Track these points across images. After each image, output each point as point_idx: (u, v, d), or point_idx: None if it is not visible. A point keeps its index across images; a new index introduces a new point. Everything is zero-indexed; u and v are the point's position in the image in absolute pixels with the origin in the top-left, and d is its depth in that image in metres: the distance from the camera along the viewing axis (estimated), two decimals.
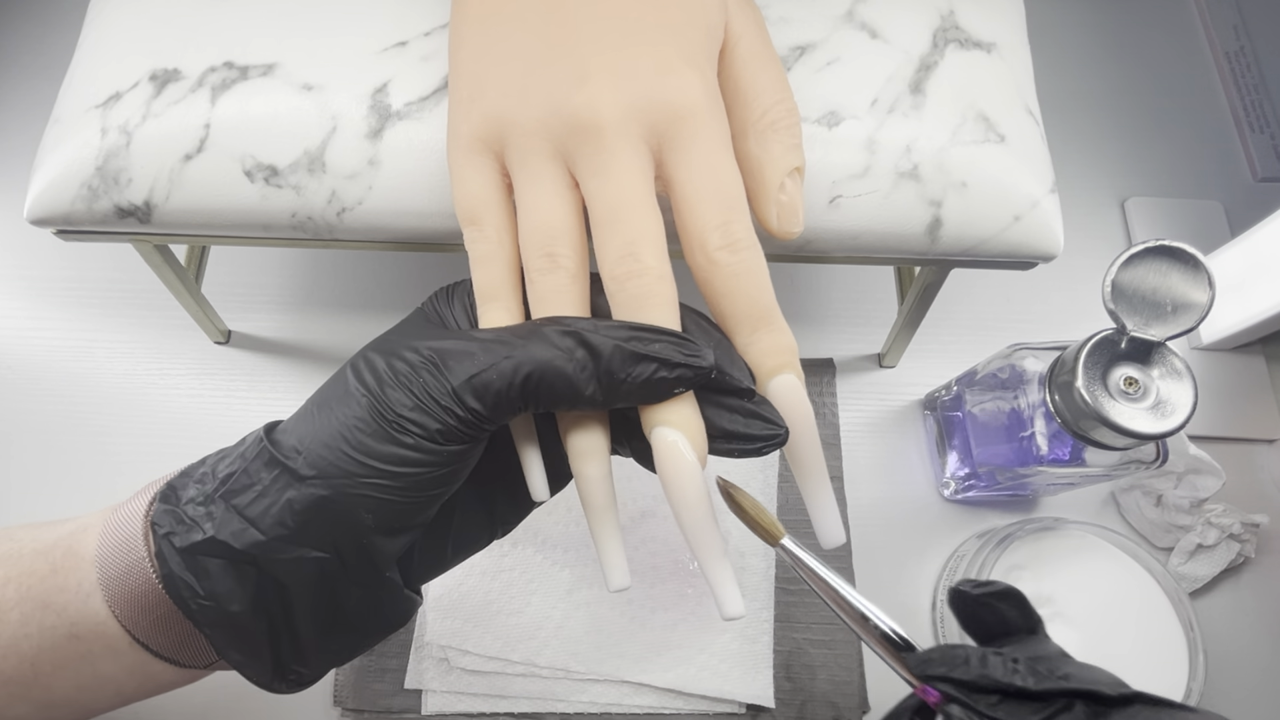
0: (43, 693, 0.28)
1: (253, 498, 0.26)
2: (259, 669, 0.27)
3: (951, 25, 0.36)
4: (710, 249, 0.26)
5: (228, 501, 0.26)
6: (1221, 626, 0.46)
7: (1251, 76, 0.61)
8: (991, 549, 0.44)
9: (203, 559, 0.26)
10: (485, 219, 0.28)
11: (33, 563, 0.28)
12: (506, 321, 0.28)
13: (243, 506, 0.26)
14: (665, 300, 0.26)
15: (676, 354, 0.25)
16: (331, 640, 0.28)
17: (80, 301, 0.52)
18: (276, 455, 0.26)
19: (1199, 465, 0.46)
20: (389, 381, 0.25)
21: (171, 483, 0.28)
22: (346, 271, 0.54)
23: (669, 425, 0.26)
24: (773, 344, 0.27)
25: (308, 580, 0.26)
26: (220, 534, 0.26)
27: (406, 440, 0.25)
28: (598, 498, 0.27)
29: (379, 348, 0.27)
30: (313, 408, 0.27)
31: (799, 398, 0.26)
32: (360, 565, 0.27)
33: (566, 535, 0.45)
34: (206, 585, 0.26)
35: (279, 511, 0.26)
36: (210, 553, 0.26)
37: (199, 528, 0.26)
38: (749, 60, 0.30)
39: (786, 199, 0.29)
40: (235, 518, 0.26)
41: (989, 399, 0.45)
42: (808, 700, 0.44)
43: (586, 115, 0.26)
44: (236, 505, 0.26)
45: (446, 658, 0.43)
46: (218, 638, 0.26)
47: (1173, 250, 0.34)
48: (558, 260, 0.27)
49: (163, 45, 0.35)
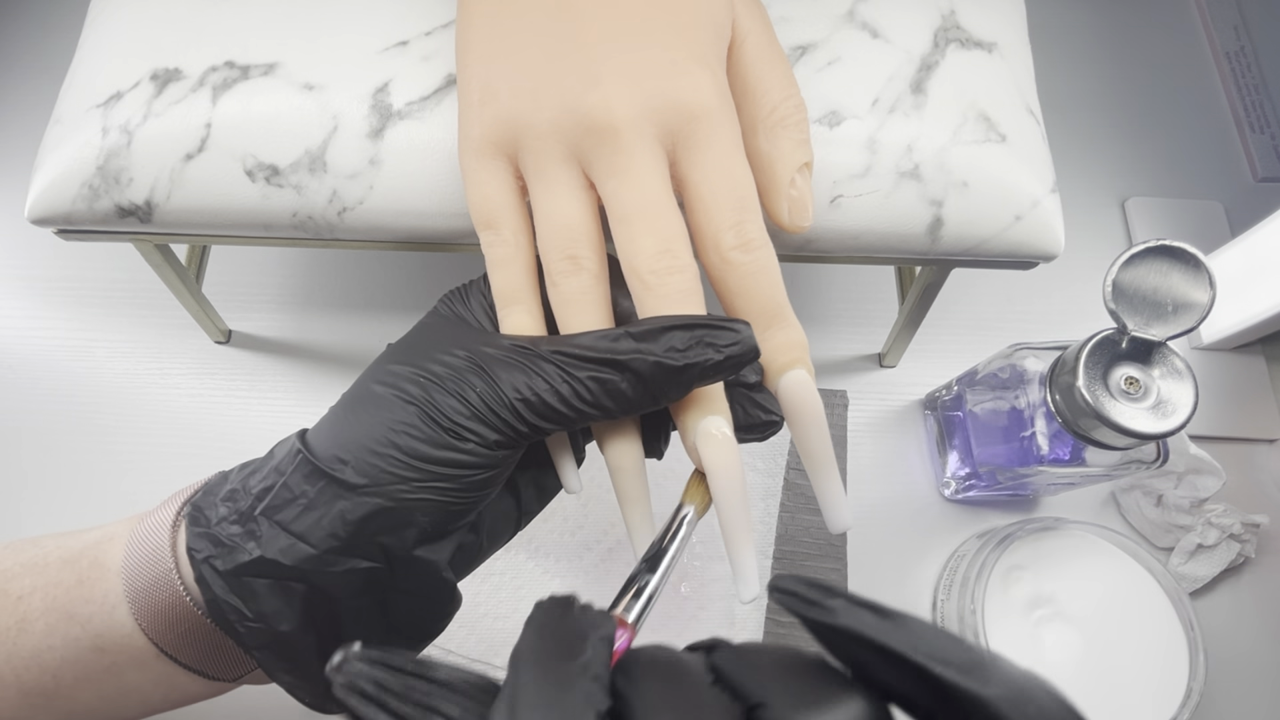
0: (65, 703, 0.27)
1: (298, 511, 0.25)
2: (310, 688, 0.27)
3: (952, 25, 0.36)
4: (724, 249, 0.27)
5: (270, 518, 0.25)
6: (1221, 626, 0.46)
7: (1251, 76, 0.61)
8: (992, 549, 0.44)
9: (249, 580, 0.25)
10: (502, 222, 0.28)
11: (59, 573, 0.27)
12: (529, 324, 0.28)
13: (288, 522, 0.25)
14: (700, 300, 0.27)
15: (713, 353, 0.25)
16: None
17: (80, 301, 0.52)
18: (320, 466, 0.25)
19: (1199, 465, 0.46)
20: (437, 388, 0.25)
21: (196, 504, 0.27)
22: (347, 271, 0.54)
23: (716, 415, 0.26)
24: (785, 340, 0.27)
25: (356, 591, 0.26)
26: (268, 552, 0.25)
27: (462, 446, 0.25)
28: (632, 490, 0.27)
29: (410, 354, 0.27)
30: (345, 415, 0.27)
31: (809, 392, 0.27)
32: (408, 571, 0.26)
33: (560, 545, 0.45)
34: (254, 606, 0.25)
35: (330, 523, 0.25)
36: (258, 573, 0.25)
37: (242, 548, 0.25)
38: (756, 57, 0.30)
39: (797, 193, 0.30)
40: (281, 534, 0.25)
41: (990, 399, 0.45)
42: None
43: (601, 116, 0.27)
44: (281, 521, 0.25)
45: (429, 655, 0.43)
46: (267, 660, 0.26)
47: (1173, 250, 0.34)
48: (580, 262, 0.27)
49: (164, 45, 0.35)
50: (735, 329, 0.25)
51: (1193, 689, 0.41)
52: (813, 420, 0.27)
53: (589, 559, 0.45)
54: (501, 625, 0.43)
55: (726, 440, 0.26)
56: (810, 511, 0.47)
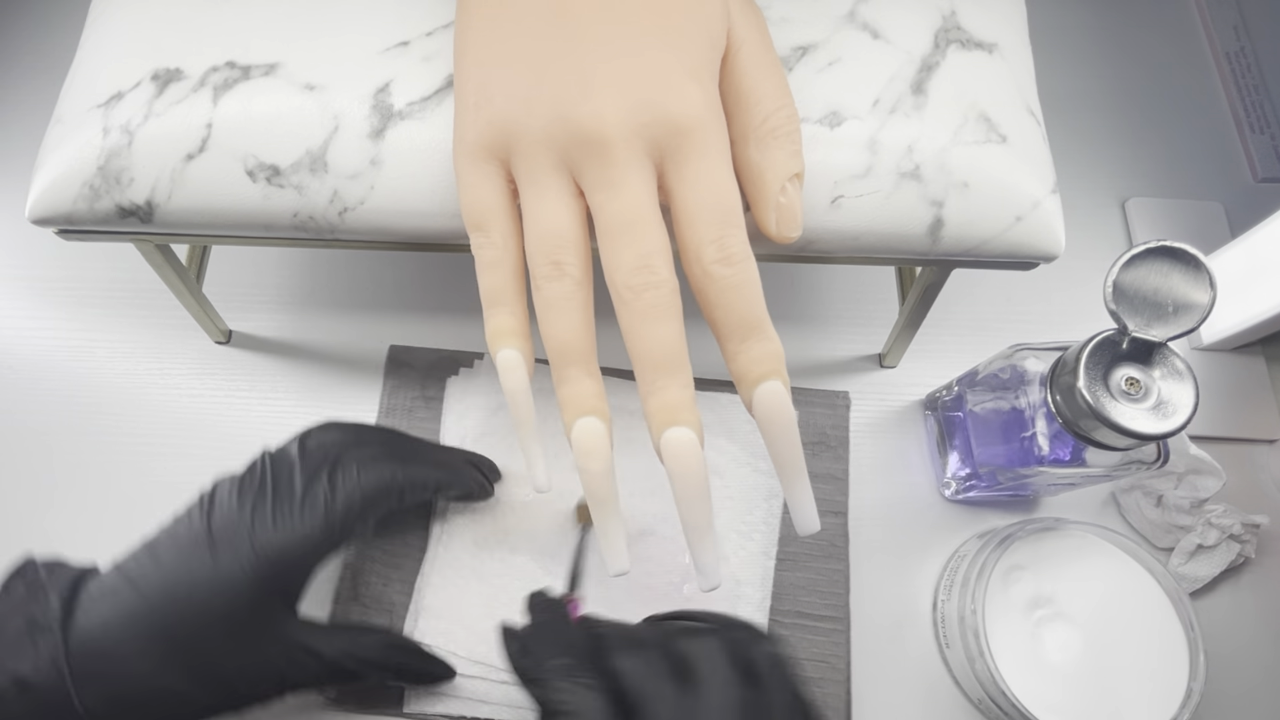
0: None
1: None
2: None
3: (953, 25, 0.36)
4: (706, 262, 0.27)
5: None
6: (1221, 626, 0.46)
7: (1251, 77, 0.61)
8: (992, 549, 0.44)
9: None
10: (491, 225, 0.29)
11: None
12: (512, 325, 0.29)
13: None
14: (675, 314, 0.27)
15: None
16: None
17: (80, 301, 0.52)
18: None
19: (1199, 465, 0.46)
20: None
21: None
22: (347, 271, 0.54)
23: (683, 425, 0.27)
24: (761, 352, 0.28)
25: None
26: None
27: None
28: (601, 491, 0.28)
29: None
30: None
31: (783, 403, 0.27)
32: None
33: (562, 548, 0.45)
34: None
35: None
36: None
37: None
38: (751, 66, 0.31)
39: (786, 202, 0.30)
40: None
41: (990, 399, 0.45)
42: None
43: (593, 128, 0.27)
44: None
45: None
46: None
47: (1174, 251, 0.34)
48: (564, 268, 0.28)
49: (165, 45, 0.35)
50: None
51: (1193, 689, 0.41)
52: (785, 430, 0.27)
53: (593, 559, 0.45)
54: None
55: (688, 447, 0.27)
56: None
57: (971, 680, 0.43)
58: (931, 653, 0.46)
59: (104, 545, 0.47)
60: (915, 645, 0.46)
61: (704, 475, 0.27)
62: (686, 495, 0.27)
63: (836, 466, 0.49)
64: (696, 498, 0.27)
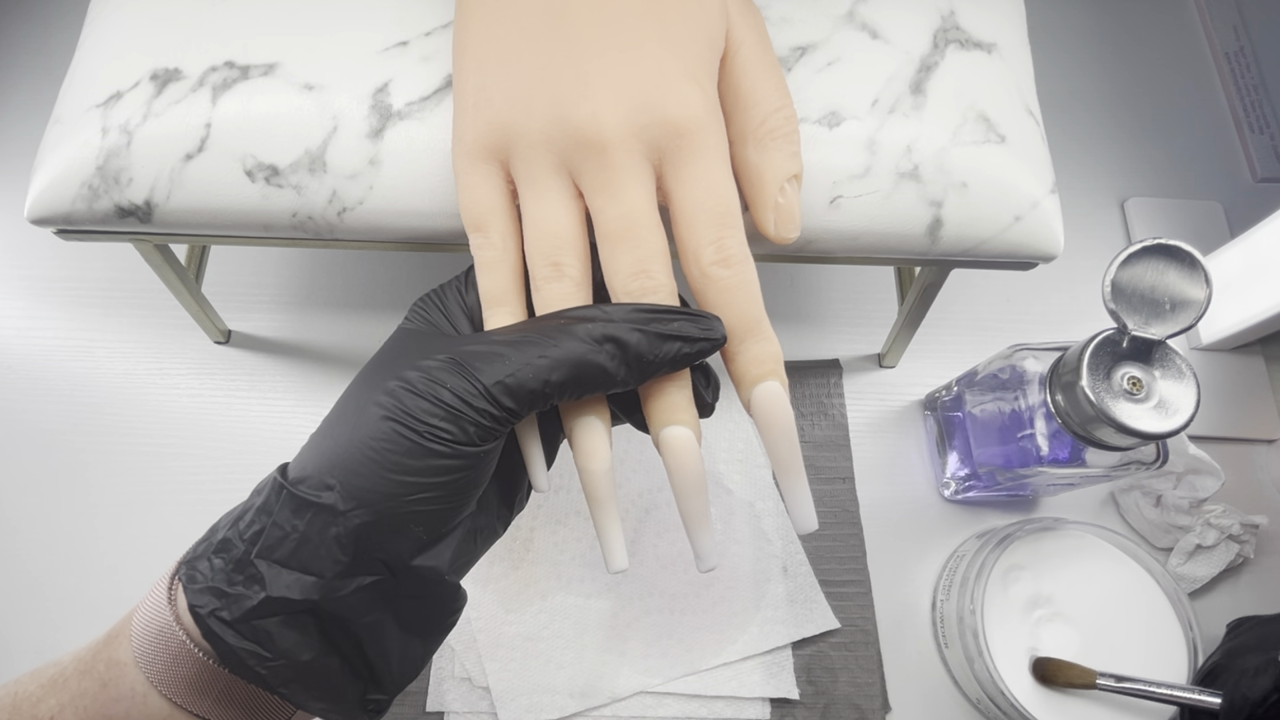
0: None
1: (293, 547, 0.25)
2: (343, 709, 0.27)
3: (952, 26, 0.36)
4: (704, 263, 0.27)
5: (268, 559, 0.25)
6: (1221, 627, 0.46)
7: (1251, 77, 0.61)
8: (991, 549, 0.44)
9: (259, 622, 0.25)
10: (491, 226, 0.29)
11: (80, 683, 0.27)
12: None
13: (286, 558, 0.25)
14: None
15: (694, 330, 0.27)
16: (402, 657, 0.28)
17: (80, 301, 0.52)
18: (305, 496, 0.25)
19: (1198, 465, 0.46)
20: (409, 395, 0.25)
21: (189, 563, 0.27)
22: (346, 271, 0.54)
23: (680, 424, 0.27)
24: (759, 352, 0.28)
25: (367, 607, 0.26)
26: (274, 591, 0.25)
27: (441, 449, 0.25)
28: (600, 491, 0.28)
29: (381, 369, 0.27)
30: (324, 438, 0.27)
31: (781, 403, 0.28)
32: (412, 578, 0.27)
33: (591, 558, 0.46)
34: (271, 646, 0.25)
35: (328, 550, 0.25)
36: (268, 613, 0.25)
37: (246, 594, 0.25)
38: (749, 67, 0.31)
39: (785, 203, 0.30)
40: (283, 571, 0.25)
41: (989, 399, 0.45)
42: (830, 703, 0.44)
43: (591, 130, 0.27)
44: (279, 559, 0.25)
45: (469, 677, 0.44)
46: (295, 693, 0.26)
47: (1169, 248, 0.34)
48: (563, 269, 0.28)
49: (163, 45, 0.35)
50: (709, 318, 0.27)
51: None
52: (783, 431, 0.28)
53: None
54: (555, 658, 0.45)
55: (686, 444, 0.27)
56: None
57: (970, 680, 0.43)
58: (930, 652, 0.46)
59: (104, 544, 0.47)
60: (914, 645, 0.46)
61: (700, 470, 0.28)
62: (684, 489, 0.28)
63: (837, 434, 0.50)
64: (694, 491, 0.28)
